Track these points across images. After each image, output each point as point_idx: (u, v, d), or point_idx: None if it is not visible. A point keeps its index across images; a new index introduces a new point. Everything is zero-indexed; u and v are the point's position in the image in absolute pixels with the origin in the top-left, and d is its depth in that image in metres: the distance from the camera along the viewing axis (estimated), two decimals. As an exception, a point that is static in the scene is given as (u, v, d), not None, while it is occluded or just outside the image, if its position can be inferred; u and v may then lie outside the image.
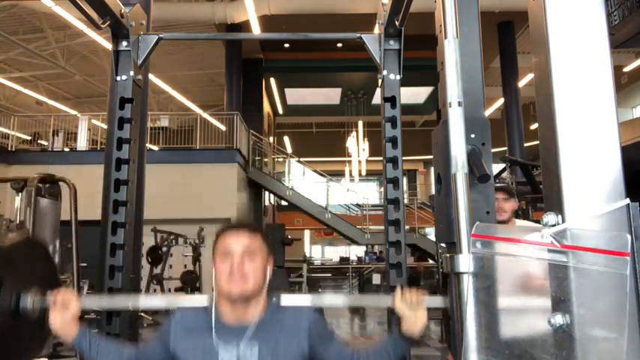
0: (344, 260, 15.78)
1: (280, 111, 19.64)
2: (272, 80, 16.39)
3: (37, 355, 1.93)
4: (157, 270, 9.47)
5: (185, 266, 10.16)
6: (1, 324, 1.64)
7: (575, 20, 1.00)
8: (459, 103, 1.13)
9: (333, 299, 1.71)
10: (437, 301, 1.62)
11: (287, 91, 17.59)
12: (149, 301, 1.79)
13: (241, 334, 1.47)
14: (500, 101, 15.35)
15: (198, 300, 1.62)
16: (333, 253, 22.00)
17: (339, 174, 19.95)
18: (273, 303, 1.57)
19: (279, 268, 7.18)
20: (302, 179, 19.36)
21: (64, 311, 1.60)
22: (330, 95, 17.98)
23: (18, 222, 4.33)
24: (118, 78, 2.23)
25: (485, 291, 1.07)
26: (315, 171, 17.04)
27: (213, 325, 1.49)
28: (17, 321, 1.70)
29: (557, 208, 0.95)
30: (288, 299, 1.62)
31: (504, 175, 7.66)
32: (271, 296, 1.57)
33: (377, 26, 2.31)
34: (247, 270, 1.46)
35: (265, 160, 15.11)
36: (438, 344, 7.42)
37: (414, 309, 1.49)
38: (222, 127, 12.91)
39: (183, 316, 1.57)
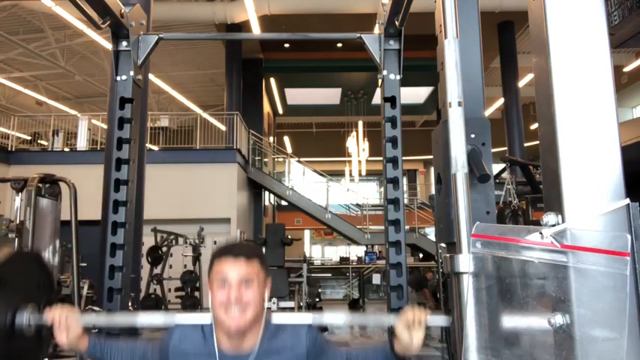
0: (344, 260, 15.78)
1: (280, 111, 19.64)
2: (272, 80, 16.39)
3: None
4: (157, 270, 9.46)
5: (185, 266, 10.16)
6: None
7: (575, 20, 1.00)
8: (459, 103, 1.13)
9: (334, 318, 1.69)
10: (440, 320, 1.58)
11: (287, 91, 17.58)
12: (148, 318, 1.76)
13: None
14: (500, 101, 15.34)
15: (198, 318, 1.59)
16: (333, 253, 21.98)
17: (339, 174, 19.95)
18: (271, 326, 1.53)
19: (279, 268, 7.18)
20: (302, 179, 19.36)
21: (67, 329, 1.58)
22: (330, 95, 17.97)
23: (18, 222, 4.33)
24: (118, 78, 2.23)
25: (485, 291, 1.07)
26: (315, 171, 17.04)
27: (217, 354, 1.47)
28: (13, 341, 1.65)
29: (557, 208, 0.95)
30: (287, 318, 1.60)
31: (504, 175, 7.66)
32: (269, 319, 1.54)
33: (377, 26, 2.31)
34: (245, 299, 1.43)
35: (265, 160, 15.11)
36: (438, 344, 7.42)
37: (414, 329, 1.46)
38: (222, 127, 12.91)
39: (182, 337, 1.55)
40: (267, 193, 15.09)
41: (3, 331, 1.60)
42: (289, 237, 8.76)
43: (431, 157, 1.80)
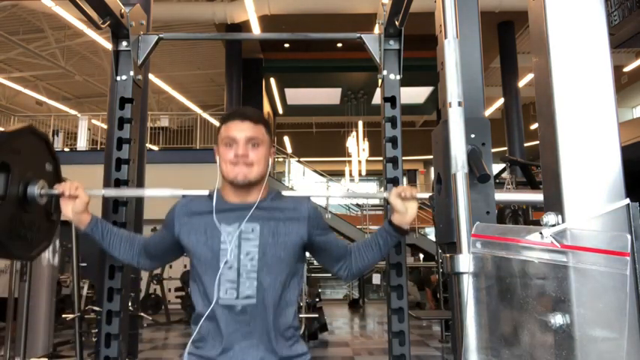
0: (344, 260, 15.77)
1: (280, 111, 19.63)
2: (272, 80, 16.38)
3: (47, 245, 1.97)
4: (157, 270, 9.47)
5: (185, 266, 10.15)
6: (10, 213, 1.66)
7: (575, 20, 1.00)
8: (459, 103, 1.13)
9: (333, 192, 1.79)
10: (425, 195, 1.79)
11: (287, 91, 17.57)
12: (154, 191, 1.92)
13: (243, 213, 1.52)
14: (500, 101, 15.33)
15: (202, 191, 1.70)
16: (333, 253, 21.94)
17: (339, 174, 19.94)
18: (274, 191, 1.63)
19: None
20: (302, 179, 19.37)
21: (74, 200, 1.69)
22: (330, 95, 17.96)
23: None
24: (118, 78, 2.23)
25: (485, 291, 1.07)
26: (315, 171, 17.03)
27: (215, 205, 1.54)
28: (25, 210, 1.73)
29: (557, 208, 0.95)
30: (288, 193, 1.71)
31: (504, 175, 7.64)
32: (272, 187, 1.65)
33: (377, 26, 2.31)
34: (251, 157, 1.52)
35: (265, 160, 15.08)
36: (438, 344, 7.42)
37: (407, 201, 1.64)
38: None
39: (188, 202, 1.64)
40: (267, 193, 15.06)
41: (16, 197, 1.69)
42: (289, 237, 8.75)
43: (431, 157, 1.80)
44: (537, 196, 1.89)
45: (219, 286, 1.47)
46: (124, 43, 2.22)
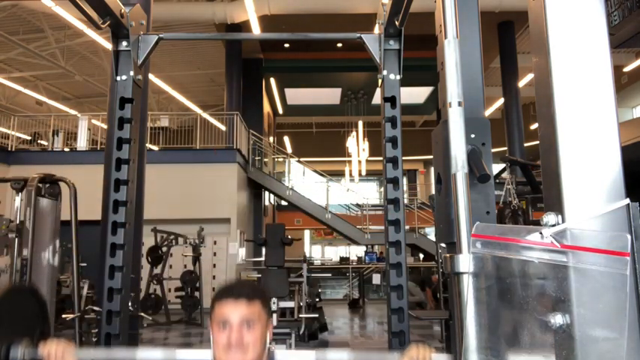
0: (344, 260, 15.78)
1: (280, 111, 19.64)
2: (272, 80, 16.39)
3: None
4: (157, 270, 9.47)
5: (185, 266, 10.16)
6: None
7: (575, 20, 1.00)
8: (459, 103, 1.13)
9: (338, 356, 1.69)
10: (443, 357, 1.55)
11: (287, 91, 17.58)
12: (148, 354, 1.75)
13: None
14: (500, 101, 15.34)
15: (198, 355, 1.58)
16: (333, 253, 21.99)
17: (339, 174, 19.94)
18: None
19: (279, 268, 7.21)
20: (302, 179, 19.37)
21: None
22: (330, 95, 17.97)
23: (18, 222, 4.33)
24: (118, 78, 2.23)
25: (485, 291, 1.07)
26: (315, 171, 17.03)
27: None
28: None
29: (557, 208, 0.95)
30: (290, 356, 1.58)
31: (504, 175, 7.65)
32: (272, 358, 1.53)
33: (377, 26, 2.31)
34: (246, 341, 1.42)
35: (265, 160, 15.11)
36: (438, 344, 7.42)
37: None
38: (222, 127, 12.91)
39: None
40: (267, 193, 15.09)
41: None
42: (289, 237, 8.76)
43: (431, 157, 1.80)
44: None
45: None
46: (124, 43, 2.22)
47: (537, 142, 1.08)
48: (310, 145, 21.91)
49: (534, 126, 15.60)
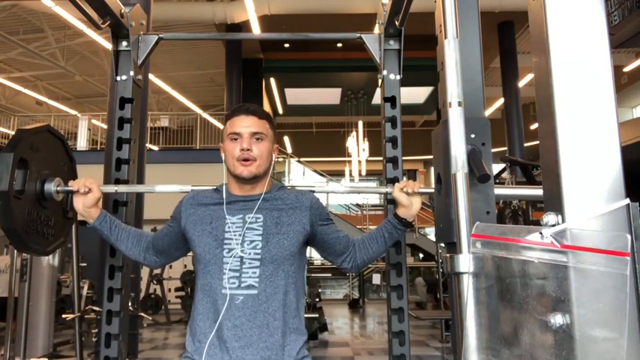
0: (344, 260, 15.77)
1: (280, 111, 19.63)
2: (272, 80, 16.39)
3: (62, 241, 2.00)
4: (157, 270, 9.47)
5: (185, 266, 10.16)
6: (28, 208, 1.71)
7: (575, 20, 1.00)
8: (459, 103, 1.13)
9: (336, 187, 1.82)
10: (428, 190, 1.79)
11: (287, 91, 17.58)
12: (164, 188, 2.04)
13: (248, 205, 1.58)
14: (500, 101, 15.33)
15: (209, 187, 1.75)
16: (333, 253, 21.94)
17: (339, 174, 19.94)
18: (278, 184, 1.69)
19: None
20: (302, 179, 19.36)
21: (86, 196, 1.73)
22: (330, 95, 17.96)
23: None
24: (118, 78, 2.23)
25: (485, 291, 1.07)
26: (315, 171, 17.03)
27: (225, 198, 1.60)
28: (42, 206, 1.78)
29: (557, 208, 0.95)
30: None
31: (504, 175, 7.64)
32: (275, 182, 1.70)
33: (377, 26, 2.31)
34: (255, 151, 1.57)
35: (265, 160, 15.07)
36: (438, 344, 7.42)
37: (411, 196, 1.71)
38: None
39: (195, 195, 1.70)
40: (267, 193, 15.06)
41: (34, 193, 1.75)
42: (289, 237, 8.76)
43: (431, 157, 1.80)
44: (537, 191, 1.89)
45: (223, 276, 1.49)
46: (124, 43, 2.22)
47: (537, 142, 1.08)
48: (310, 145, 21.90)
49: (534, 126, 15.60)
